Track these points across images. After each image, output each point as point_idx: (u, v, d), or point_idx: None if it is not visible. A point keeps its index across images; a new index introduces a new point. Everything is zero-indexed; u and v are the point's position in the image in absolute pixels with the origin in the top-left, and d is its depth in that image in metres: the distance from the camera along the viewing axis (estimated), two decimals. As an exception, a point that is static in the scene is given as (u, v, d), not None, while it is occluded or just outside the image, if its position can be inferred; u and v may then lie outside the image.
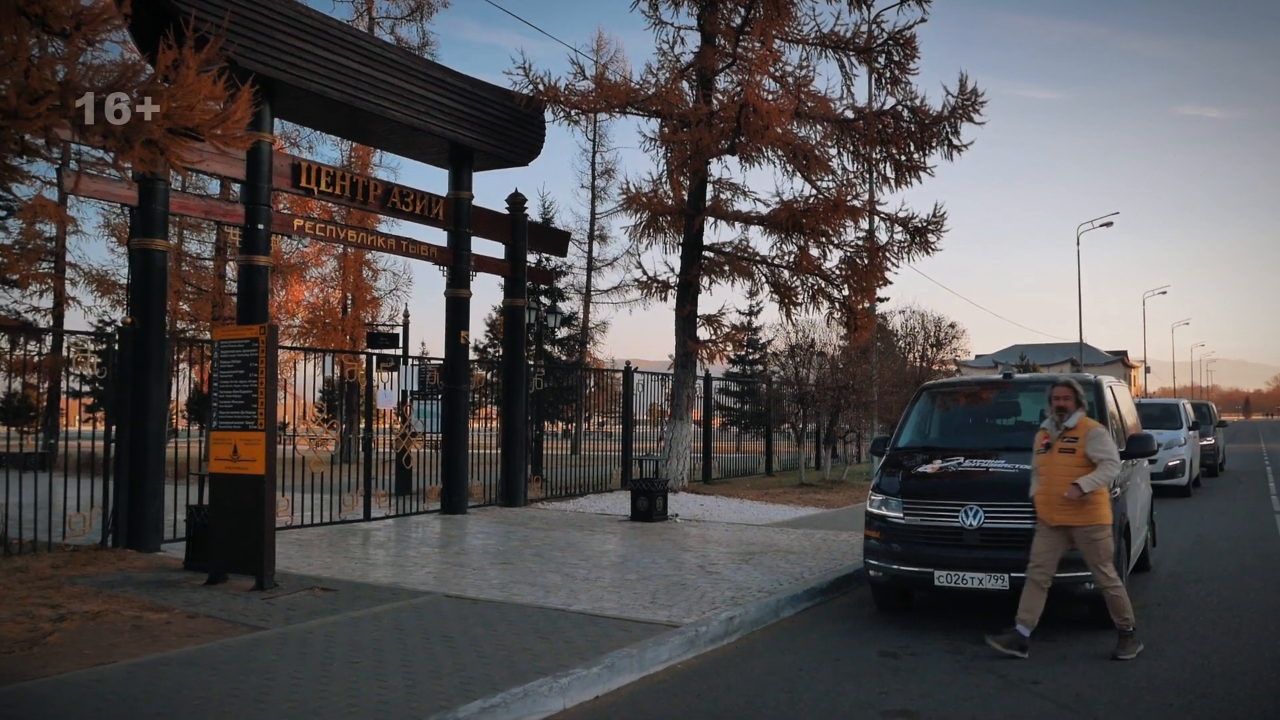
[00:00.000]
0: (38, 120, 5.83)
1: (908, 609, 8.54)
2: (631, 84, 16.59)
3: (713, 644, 7.20)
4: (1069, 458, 7.05)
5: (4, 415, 29.49)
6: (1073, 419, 7.16)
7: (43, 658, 6.08)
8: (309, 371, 14.46)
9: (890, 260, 16.90)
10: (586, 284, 37.49)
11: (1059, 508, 7.02)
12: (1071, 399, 7.19)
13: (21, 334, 12.19)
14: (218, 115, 6.41)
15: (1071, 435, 7.11)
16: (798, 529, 13.45)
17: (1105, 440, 7.08)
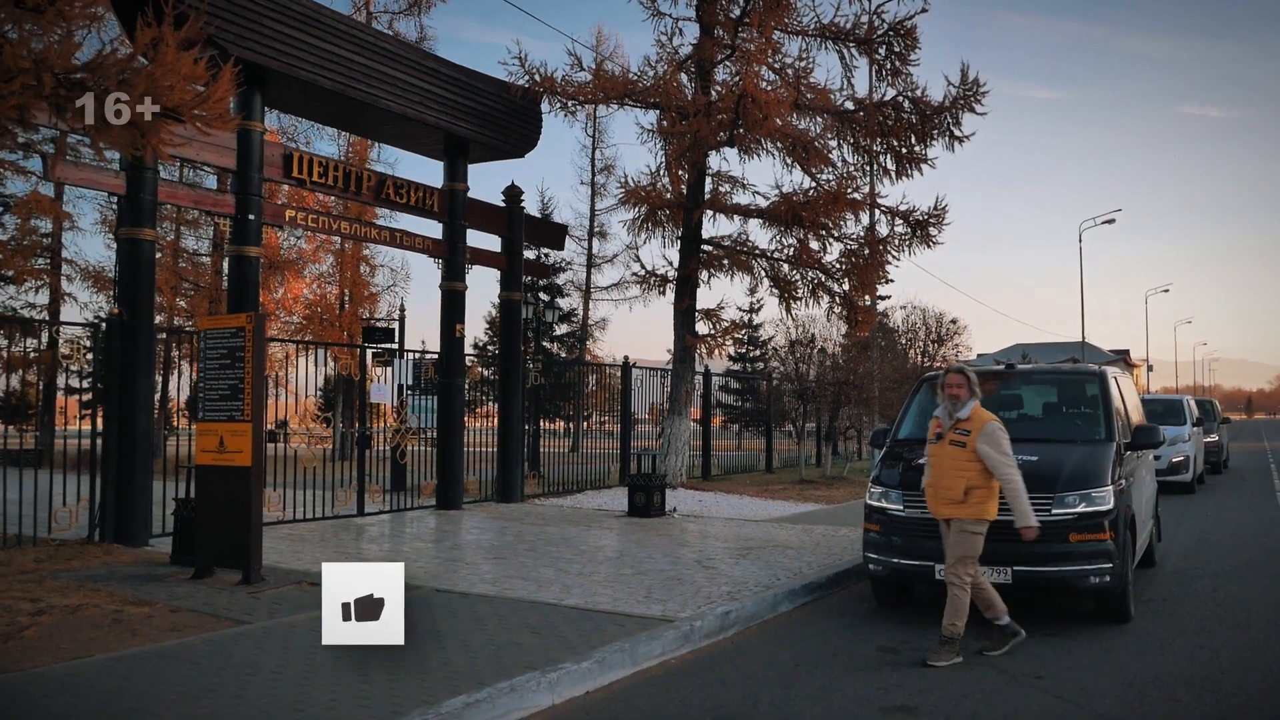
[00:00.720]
0: (11, 99, 5.67)
1: (908, 603, 8.36)
2: (630, 75, 16.42)
3: (708, 639, 7.02)
4: (959, 451, 6.64)
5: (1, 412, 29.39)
6: (965, 409, 6.71)
7: (17, 652, 5.92)
8: (307, 368, 14.31)
9: (891, 254, 16.74)
10: (586, 280, 37.34)
11: (946, 501, 6.69)
12: (964, 387, 6.73)
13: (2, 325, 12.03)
14: (198, 96, 6.24)
15: (964, 427, 6.68)
16: (797, 524, 13.27)
17: (1000, 439, 6.61)
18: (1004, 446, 6.60)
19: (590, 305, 37.50)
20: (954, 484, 6.66)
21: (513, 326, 15.91)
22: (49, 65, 5.90)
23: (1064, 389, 9.41)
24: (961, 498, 6.62)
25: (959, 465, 6.66)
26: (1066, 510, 7.32)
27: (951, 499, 6.67)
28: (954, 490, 6.65)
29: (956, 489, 6.64)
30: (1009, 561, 7.24)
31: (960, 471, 6.64)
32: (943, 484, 6.73)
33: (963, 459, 6.65)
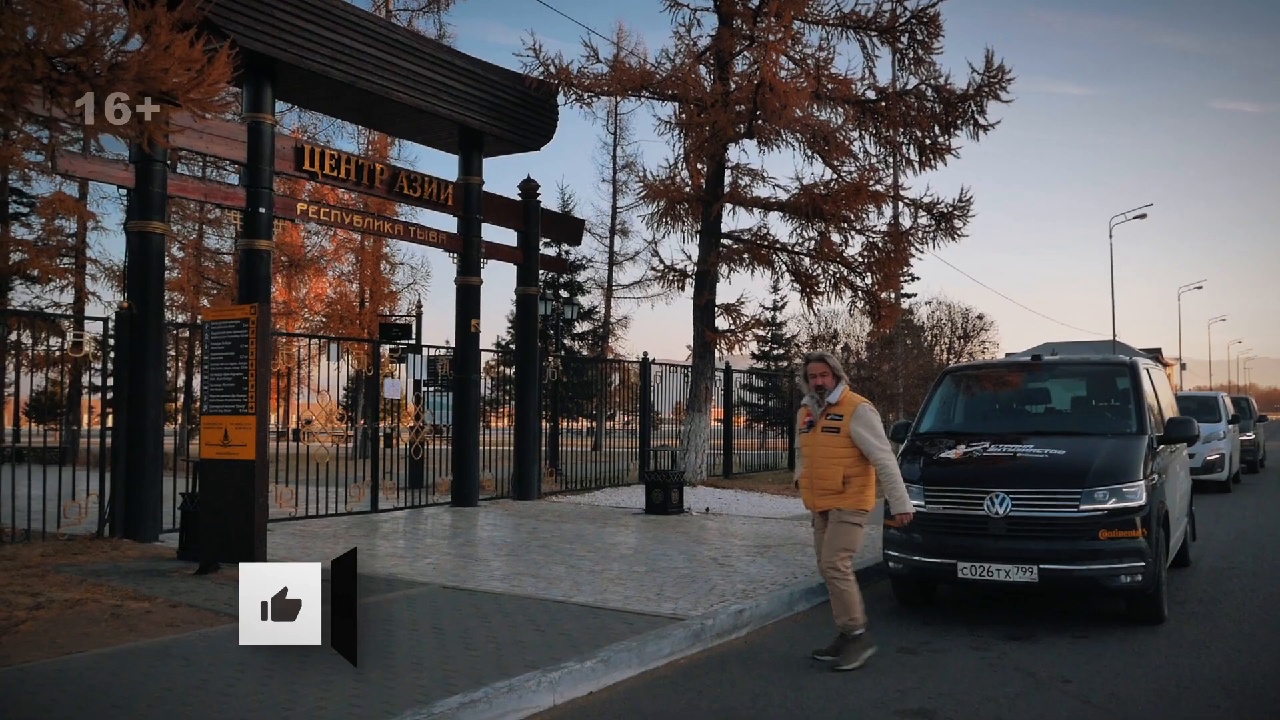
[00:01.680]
0: (1, 81, 5.52)
1: (929, 603, 8.09)
2: (647, 67, 16.19)
3: (720, 638, 6.79)
4: (833, 438, 6.29)
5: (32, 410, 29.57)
6: (834, 394, 6.37)
7: (11, 646, 5.78)
8: (329, 367, 14.22)
9: (915, 247, 16.41)
10: (608, 278, 37.11)
11: (824, 492, 6.32)
12: (828, 375, 6.38)
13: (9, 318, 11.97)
14: (193, 79, 6.07)
15: (835, 412, 6.32)
16: (818, 522, 13.00)
17: (873, 420, 6.27)
18: (878, 429, 6.27)
19: (612, 303, 37.29)
20: (831, 473, 6.27)
21: (529, 322, 15.72)
22: (40, 47, 5.76)
23: (1093, 381, 9.10)
24: (840, 487, 6.24)
25: (834, 453, 6.28)
26: (1096, 506, 7.02)
27: (830, 489, 6.28)
28: (832, 480, 6.26)
29: (834, 478, 6.25)
30: (1035, 559, 6.96)
31: (836, 459, 6.26)
32: (819, 474, 6.34)
33: (837, 446, 6.28)
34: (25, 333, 12.86)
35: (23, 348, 18.28)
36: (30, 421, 30.69)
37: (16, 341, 13.57)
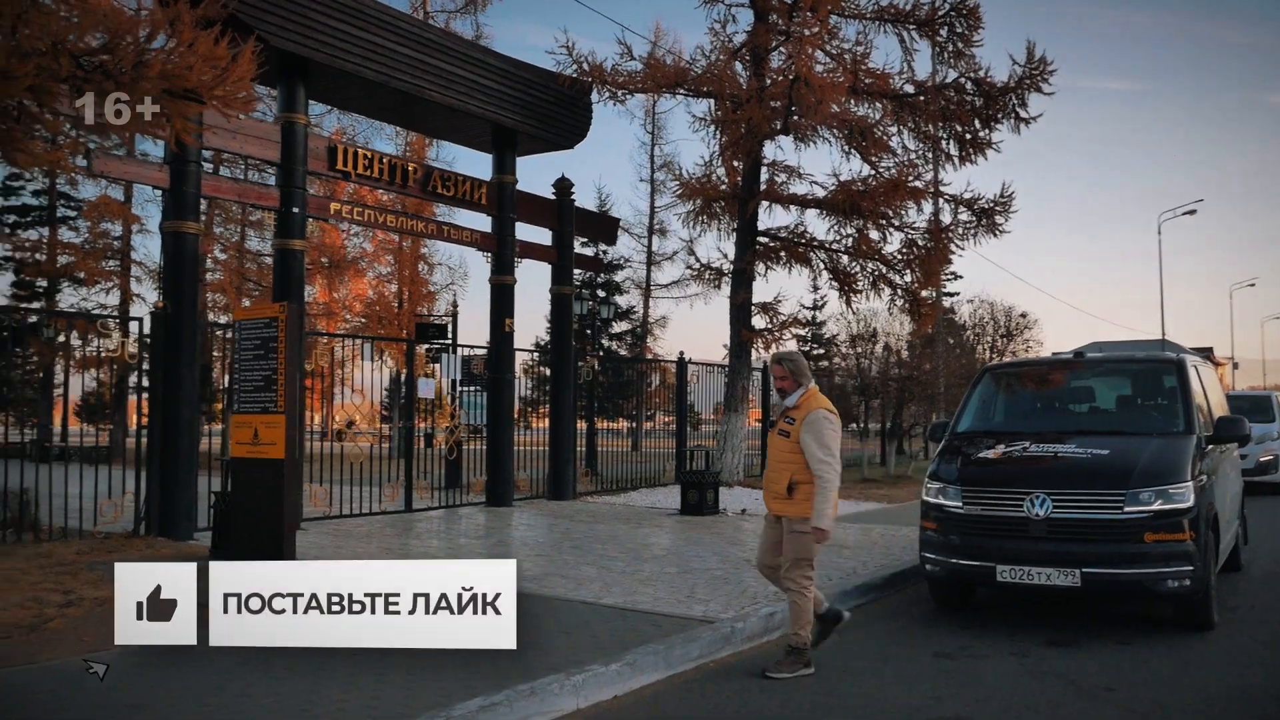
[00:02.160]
0: (25, 79, 5.53)
1: (968, 607, 7.88)
2: (682, 63, 16.05)
3: (750, 641, 6.64)
4: (784, 442, 6.02)
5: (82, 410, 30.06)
6: (793, 397, 6.08)
7: (39, 643, 5.78)
8: (368, 368, 14.27)
9: (955, 243, 16.11)
10: (646, 278, 37.01)
11: (773, 496, 6.09)
12: (788, 378, 6.10)
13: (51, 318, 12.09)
14: (218, 75, 6.04)
15: (791, 415, 6.04)
16: (855, 524, 12.79)
17: (822, 428, 5.88)
18: (825, 438, 5.86)
19: (650, 303, 37.20)
20: (779, 478, 6.02)
21: (564, 321, 15.65)
22: (66, 46, 5.76)
23: (1138, 379, 8.82)
24: (785, 494, 5.96)
25: (783, 458, 6.01)
26: (1141, 508, 6.78)
27: (777, 494, 6.03)
28: (778, 484, 6.01)
29: (781, 483, 5.99)
30: (1077, 563, 6.74)
31: (785, 465, 5.98)
32: (770, 477, 6.14)
33: (786, 450, 6.00)
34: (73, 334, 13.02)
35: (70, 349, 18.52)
36: (80, 421, 31.20)
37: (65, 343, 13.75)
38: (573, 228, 15.46)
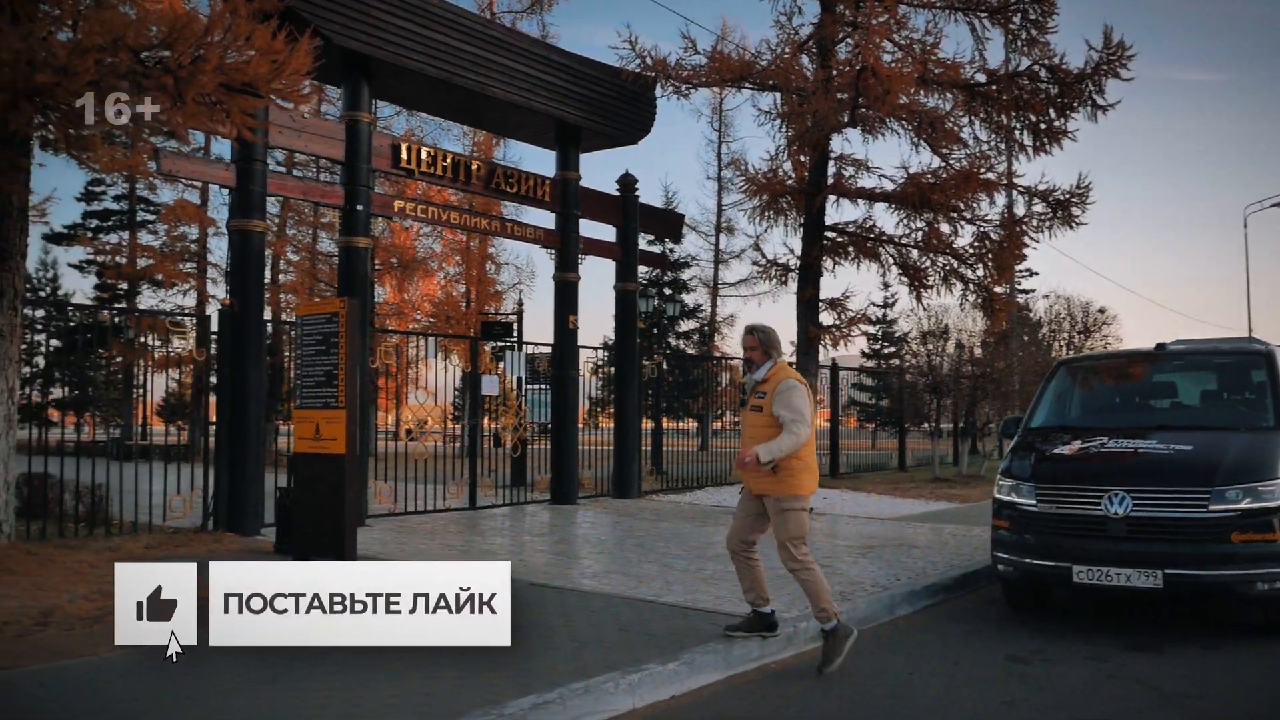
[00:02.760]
0: (85, 75, 5.59)
1: (1043, 609, 7.57)
2: (746, 57, 15.84)
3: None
4: (758, 416, 5.84)
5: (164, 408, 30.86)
6: (762, 370, 5.92)
7: (99, 635, 5.82)
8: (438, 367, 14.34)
9: (1029, 236, 15.63)
10: (714, 276, 36.83)
11: (752, 474, 5.86)
12: (758, 349, 5.94)
13: (121, 315, 12.34)
14: (274, 68, 6.05)
15: (762, 389, 5.87)
16: (925, 523, 12.48)
17: (795, 396, 5.75)
18: (794, 403, 5.72)
19: (718, 301, 36.99)
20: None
21: (628, 319, 15.54)
22: (125, 42, 5.81)
23: (1224, 372, 8.40)
24: (769, 471, 5.77)
25: (758, 433, 5.82)
26: (1227, 506, 6.44)
27: (758, 470, 5.81)
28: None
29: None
30: (1159, 563, 6.42)
31: (760, 440, 5.76)
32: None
33: (760, 424, 5.82)
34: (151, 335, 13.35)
35: (148, 349, 18.94)
36: (161, 420, 32.06)
37: (144, 344, 14.05)
38: (637, 224, 15.35)
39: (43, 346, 27.83)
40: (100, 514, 9.89)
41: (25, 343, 29.29)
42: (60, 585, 7.04)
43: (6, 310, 7.73)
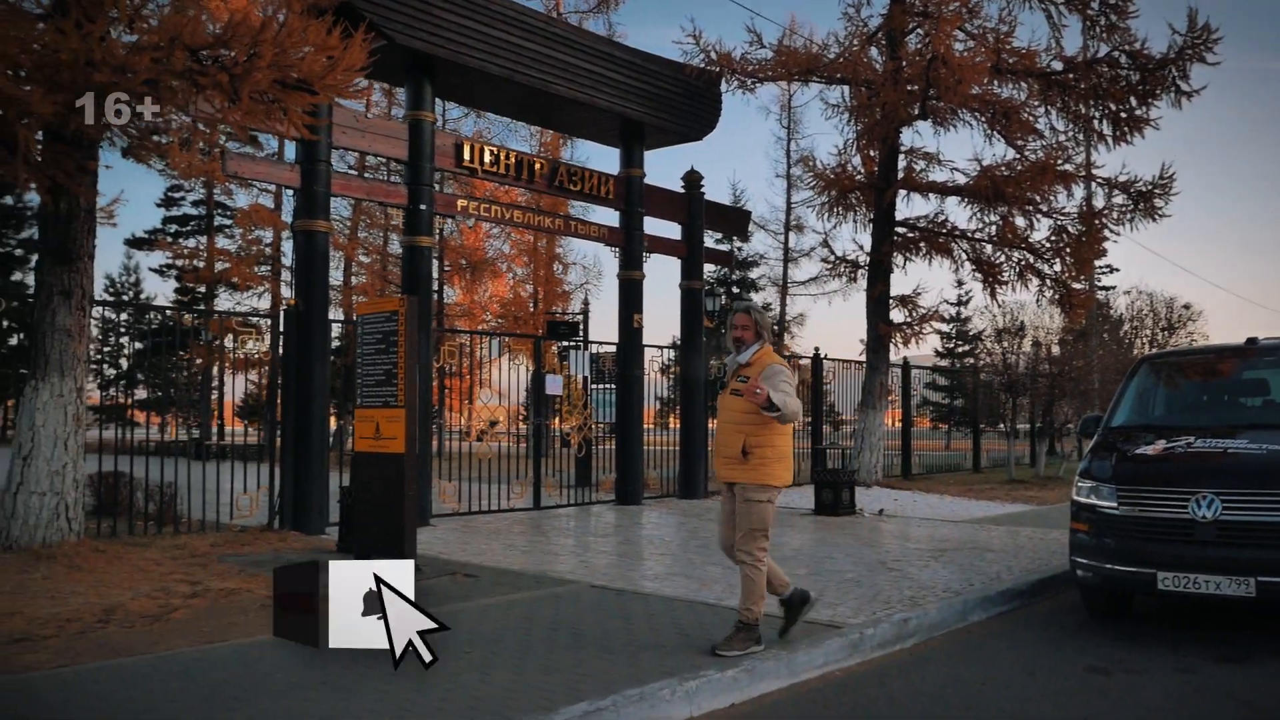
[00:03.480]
0: (143, 74, 5.60)
1: (1125, 616, 7.21)
2: (814, 49, 15.56)
3: (881, 649, 6.19)
4: (738, 401, 5.53)
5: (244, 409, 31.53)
6: (748, 353, 5.64)
7: (159, 634, 5.84)
8: (507, 367, 14.38)
9: (1109, 229, 15.09)
10: (783, 275, 36.37)
11: (725, 460, 5.63)
12: (750, 329, 5.66)
13: (188, 314, 12.52)
14: (328, 64, 6.01)
15: (745, 373, 5.57)
16: (1000, 525, 12.08)
17: (785, 379, 5.49)
18: (781, 385, 5.43)
19: (787, 300, 36.56)
20: (732, 440, 5.58)
21: (694, 317, 15.35)
22: (182, 40, 5.81)
23: (1323, 368, 7.92)
24: (740, 457, 5.52)
25: (738, 417, 5.56)
26: (1326, 510, 6.03)
27: (730, 456, 5.59)
28: (732, 446, 5.58)
29: (735, 445, 5.56)
30: (1251, 570, 6.04)
31: (738, 425, 5.54)
32: (723, 439, 5.67)
33: (740, 410, 5.53)
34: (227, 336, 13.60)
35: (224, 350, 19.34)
36: (241, 421, 32.74)
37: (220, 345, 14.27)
38: (702, 221, 15.15)
39: (126, 348, 28.69)
40: (170, 512, 10.03)
41: (109, 345, 30.00)
42: (125, 582, 7.10)
43: (75, 310, 7.85)
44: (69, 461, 7.87)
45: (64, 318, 7.81)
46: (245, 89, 5.75)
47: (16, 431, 7.94)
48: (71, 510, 7.93)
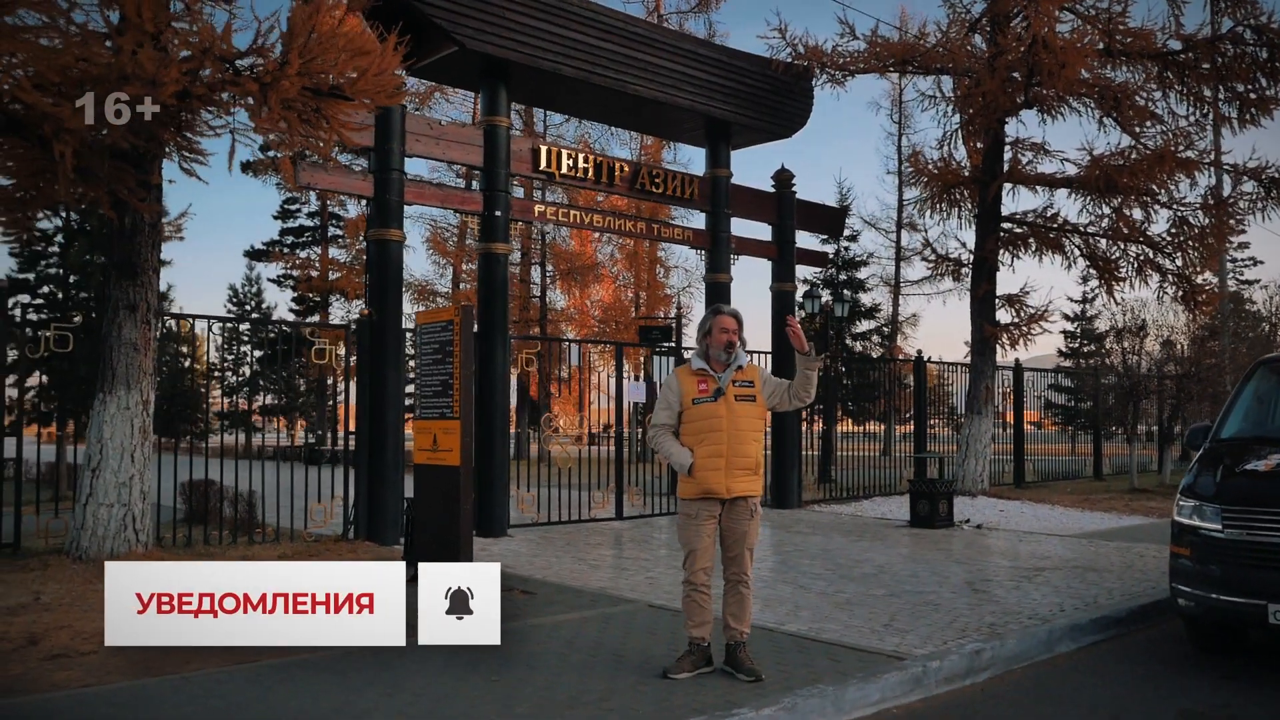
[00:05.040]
0: (172, 85, 5.53)
1: (1235, 651, 6.48)
2: (909, 38, 14.87)
3: (947, 684, 5.67)
4: (750, 408, 5.34)
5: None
6: (744, 358, 5.39)
7: (190, 656, 5.74)
8: (609, 372, 14.23)
9: (1236, 219, 13.95)
10: (895, 275, 35.33)
11: (741, 473, 5.27)
12: (738, 333, 5.37)
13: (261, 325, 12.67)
14: (358, 70, 5.84)
15: (746, 379, 5.35)
16: (1111, 541, 11.23)
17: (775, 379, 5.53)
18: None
19: (900, 300, 35.49)
20: (753, 450, 5.35)
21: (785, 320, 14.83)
22: (214, 51, 5.73)
23: None
24: (755, 468, 5.36)
25: (754, 424, 5.38)
26: None
27: (749, 467, 5.32)
28: (753, 456, 5.35)
29: (756, 454, 5.37)
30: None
31: (756, 434, 5.39)
32: (741, 450, 5.28)
33: (754, 417, 5.39)
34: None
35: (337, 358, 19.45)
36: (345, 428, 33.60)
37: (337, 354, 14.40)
38: (793, 221, 14.64)
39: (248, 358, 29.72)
40: (252, 521, 10.13)
41: (233, 354, 30.95)
42: (181, 596, 7.09)
43: (140, 324, 7.93)
44: (136, 473, 7.95)
45: (130, 331, 7.90)
46: (273, 97, 5.64)
47: (86, 444, 8.07)
48: (139, 521, 8.01)
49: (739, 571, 5.42)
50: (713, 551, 5.42)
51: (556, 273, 29.24)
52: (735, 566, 5.43)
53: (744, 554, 5.41)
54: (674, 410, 5.42)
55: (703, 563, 5.37)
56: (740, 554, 5.41)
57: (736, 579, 5.43)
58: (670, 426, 5.44)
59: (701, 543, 5.36)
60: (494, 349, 11.11)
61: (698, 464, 5.27)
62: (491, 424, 11.05)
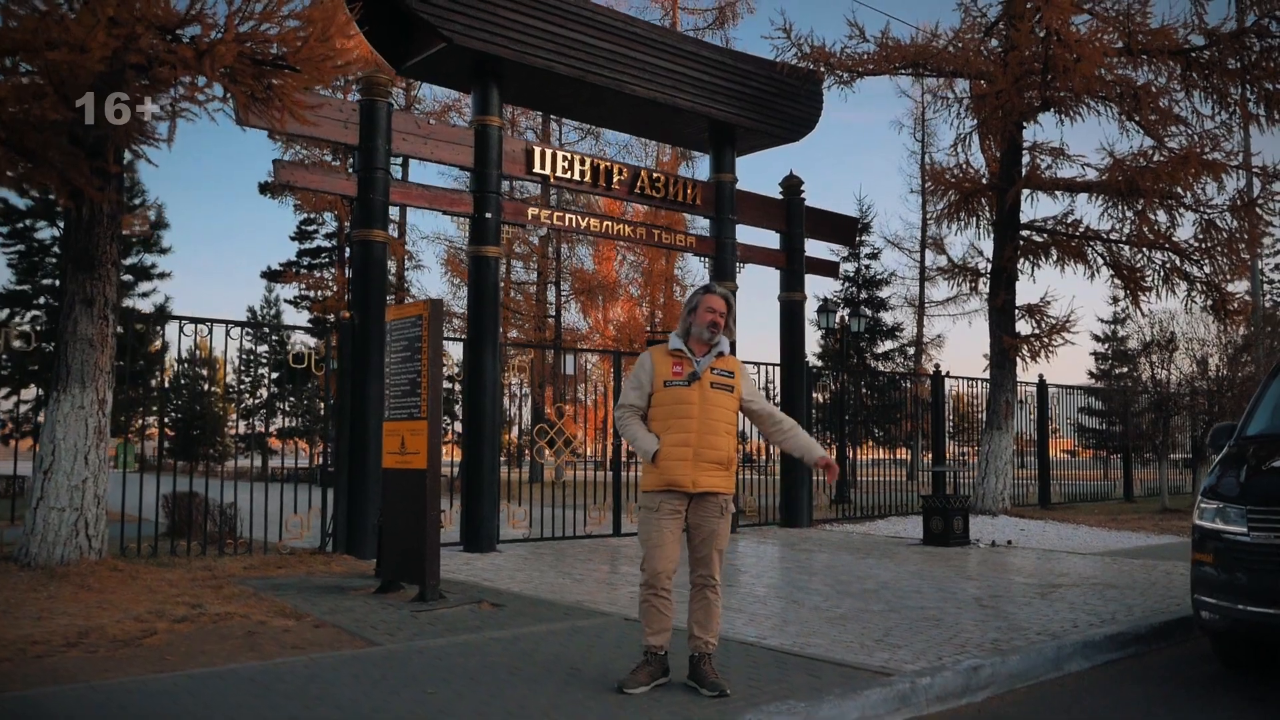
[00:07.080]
0: (99, 50, 5.15)
1: (1264, 667, 5.87)
2: (919, 40, 14.40)
3: (940, 703, 5.10)
4: (726, 398, 4.89)
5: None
6: (726, 345, 4.98)
7: (120, 660, 5.32)
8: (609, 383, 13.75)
9: (1268, 221, 13.30)
10: (919, 294, 34.69)
11: (710, 466, 4.80)
12: (727, 316, 4.95)
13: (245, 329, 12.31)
14: (298, 36, 5.45)
15: (726, 368, 4.93)
16: (1135, 559, 10.59)
17: (755, 382, 5.27)
18: (758, 392, 5.20)
19: (925, 320, 34.82)
20: (724, 442, 4.88)
21: (794, 331, 14.32)
22: (145, 16, 5.37)
23: None
24: (727, 463, 4.88)
25: (728, 417, 4.90)
26: None
27: (720, 461, 4.84)
28: (725, 449, 4.87)
29: (728, 448, 4.90)
30: None
31: (729, 426, 4.91)
32: (710, 442, 4.81)
33: (729, 409, 4.92)
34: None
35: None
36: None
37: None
38: (803, 229, 14.15)
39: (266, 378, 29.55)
40: (228, 534, 9.73)
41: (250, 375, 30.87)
42: (125, 604, 6.67)
43: (97, 319, 7.57)
44: (89, 476, 7.55)
45: (86, 326, 7.53)
46: (208, 64, 5.25)
47: (39, 445, 7.69)
48: (92, 527, 7.61)
49: (706, 574, 4.94)
50: (676, 552, 4.92)
51: (572, 292, 28.89)
52: (703, 568, 4.94)
53: (712, 555, 4.94)
54: (644, 391, 4.95)
55: (663, 564, 4.86)
56: (708, 555, 4.93)
57: (704, 582, 4.94)
58: (638, 408, 4.97)
59: (663, 540, 4.85)
60: (484, 356, 10.70)
61: (663, 452, 4.80)
62: (480, 434, 10.62)
